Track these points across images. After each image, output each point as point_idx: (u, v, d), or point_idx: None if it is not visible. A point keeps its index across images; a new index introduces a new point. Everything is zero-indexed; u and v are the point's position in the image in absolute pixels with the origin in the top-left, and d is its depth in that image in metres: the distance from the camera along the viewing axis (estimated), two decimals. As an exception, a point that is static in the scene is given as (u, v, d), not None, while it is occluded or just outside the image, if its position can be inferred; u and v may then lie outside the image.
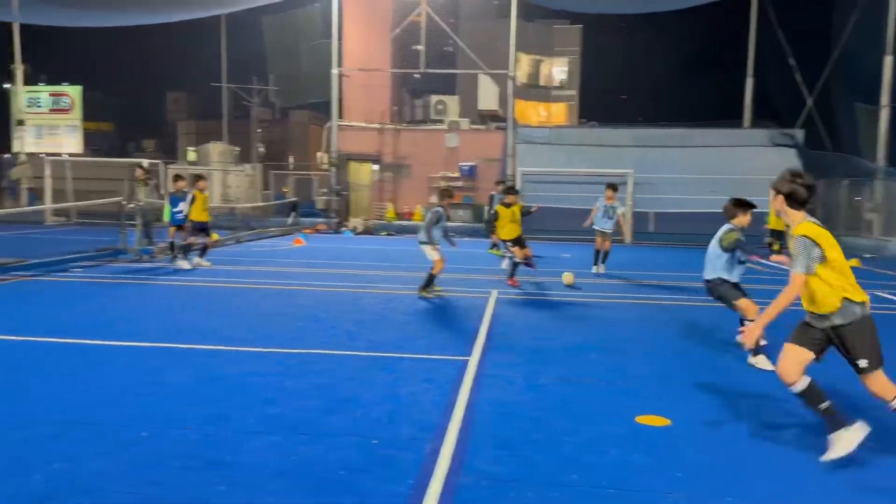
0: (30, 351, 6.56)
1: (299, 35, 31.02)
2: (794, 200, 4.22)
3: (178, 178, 13.97)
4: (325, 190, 29.30)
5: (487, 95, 27.18)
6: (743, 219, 6.89)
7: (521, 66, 28.40)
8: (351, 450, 4.27)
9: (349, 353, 6.69)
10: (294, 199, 29.44)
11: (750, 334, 4.38)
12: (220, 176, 32.28)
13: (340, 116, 25.98)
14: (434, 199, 24.51)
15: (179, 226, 13.31)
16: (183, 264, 12.85)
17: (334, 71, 25.56)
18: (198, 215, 13.30)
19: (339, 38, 25.60)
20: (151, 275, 11.96)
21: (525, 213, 12.22)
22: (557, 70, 35.35)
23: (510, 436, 4.59)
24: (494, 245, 16.44)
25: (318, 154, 38.37)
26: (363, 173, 27.15)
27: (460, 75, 29.36)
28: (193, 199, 13.25)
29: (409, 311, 9.20)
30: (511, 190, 12.43)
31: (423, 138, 26.03)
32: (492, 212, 12.84)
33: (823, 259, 4.07)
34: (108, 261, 13.34)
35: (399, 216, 25.76)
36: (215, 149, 32.92)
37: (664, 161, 23.22)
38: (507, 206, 11.95)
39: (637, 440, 4.61)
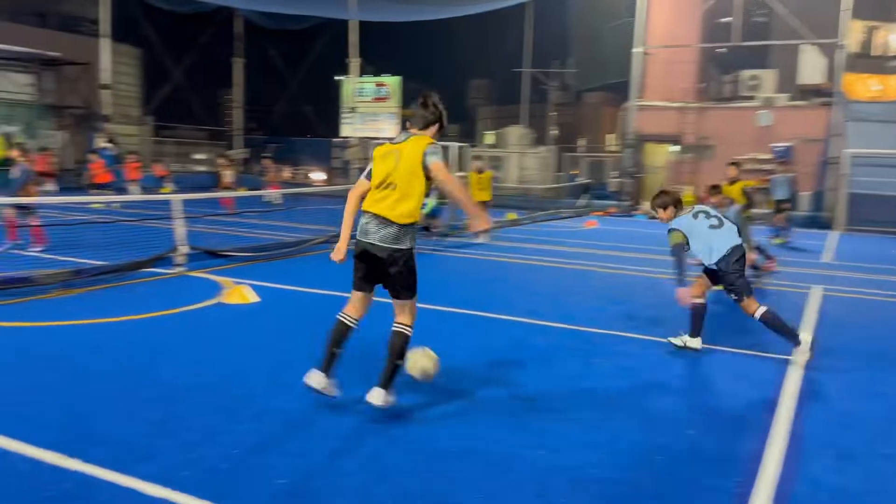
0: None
1: (603, 15, 30.73)
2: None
3: None
4: (616, 172, 28.86)
5: (811, 68, 24.04)
6: None
7: (852, 34, 24.56)
8: (667, 436, 4.14)
9: (651, 339, 6.48)
10: (587, 180, 29.50)
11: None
12: (517, 158, 33.61)
13: (639, 96, 25.23)
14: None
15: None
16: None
17: (637, 50, 24.87)
18: (475, 195, 14.08)
19: (646, 16, 24.81)
20: (460, 248, 12.88)
21: (748, 198, 10.24)
22: (899, 36, 30.07)
23: (854, 446, 4.05)
24: (777, 233, 15.07)
25: (608, 136, 37.88)
26: (658, 155, 26.06)
27: (775, 47, 26.50)
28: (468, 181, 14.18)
29: (714, 300, 8.61)
30: (732, 162, 10.88)
31: (729, 117, 24.14)
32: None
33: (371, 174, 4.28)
34: (424, 235, 14.66)
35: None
36: (514, 132, 34.26)
37: None
38: (732, 182, 10.40)
39: None
